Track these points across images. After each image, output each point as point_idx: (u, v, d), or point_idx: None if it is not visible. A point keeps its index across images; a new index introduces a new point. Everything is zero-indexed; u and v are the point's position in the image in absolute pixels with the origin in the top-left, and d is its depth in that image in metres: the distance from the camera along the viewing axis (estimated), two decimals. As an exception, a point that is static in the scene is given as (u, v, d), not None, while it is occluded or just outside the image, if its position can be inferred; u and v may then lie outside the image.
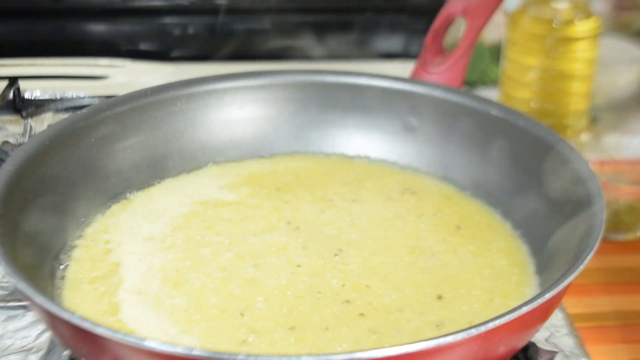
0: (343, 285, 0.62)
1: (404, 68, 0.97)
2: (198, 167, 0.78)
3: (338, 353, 0.45)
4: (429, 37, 0.90)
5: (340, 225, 0.70)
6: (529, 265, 0.66)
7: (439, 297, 0.62)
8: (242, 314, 0.59)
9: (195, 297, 0.61)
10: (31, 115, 0.95)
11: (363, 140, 0.82)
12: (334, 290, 0.62)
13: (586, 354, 0.64)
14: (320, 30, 1.06)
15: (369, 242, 0.68)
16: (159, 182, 0.76)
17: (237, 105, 0.81)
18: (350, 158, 0.81)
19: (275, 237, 0.68)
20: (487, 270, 0.65)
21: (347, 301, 0.61)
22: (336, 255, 0.66)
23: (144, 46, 1.17)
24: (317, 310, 0.59)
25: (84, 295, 0.61)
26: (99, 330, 0.46)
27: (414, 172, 0.79)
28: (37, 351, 0.62)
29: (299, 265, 0.64)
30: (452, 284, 0.63)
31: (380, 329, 0.58)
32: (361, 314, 0.59)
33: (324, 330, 0.57)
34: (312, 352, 0.55)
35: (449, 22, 0.89)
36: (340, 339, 0.57)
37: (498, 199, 0.73)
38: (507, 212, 0.72)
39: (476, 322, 0.48)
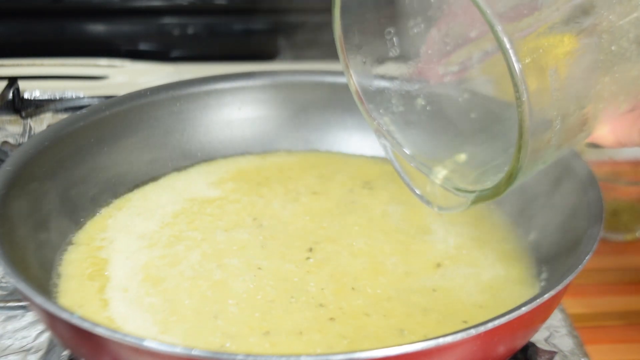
0: (316, 288, 0.61)
1: (403, 68, 0.97)
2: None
3: (337, 353, 0.45)
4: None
5: (307, 219, 0.70)
6: (528, 266, 0.66)
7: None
8: (215, 317, 0.58)
9: (171, 297, 0.60)
10: (31, 115, 0.95)
11: (362, 141, 0.82)
12: (308, 294, 0.60)
13: (585, 355, 0.63)
14: (320, 30, 1.06)
15: (342, 239, 0.67)
16: (155, 181, 0.76)
17: (237, 105, 0.81)
18: (348, 155, 0.81)
19: (239, 235, 0.68)
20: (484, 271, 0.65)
21: (321, 305, 0.59)
22: (308, 258, 0.65)
23: (143, 46, 1.17)
24: (290, 315, 0.58)
25: (79, 293, 0.61)
26: (98, 331, 0.46)
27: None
28: (36, 351, 0.62)
29: (259, 268, 0.63)
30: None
31: (349, 333, 0.57)
32: (331, 319, 0.58)
33: (298, 334, 0.57)
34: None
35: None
36: (314, 344, 0.56)
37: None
38: (506, 213, 0.72)
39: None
